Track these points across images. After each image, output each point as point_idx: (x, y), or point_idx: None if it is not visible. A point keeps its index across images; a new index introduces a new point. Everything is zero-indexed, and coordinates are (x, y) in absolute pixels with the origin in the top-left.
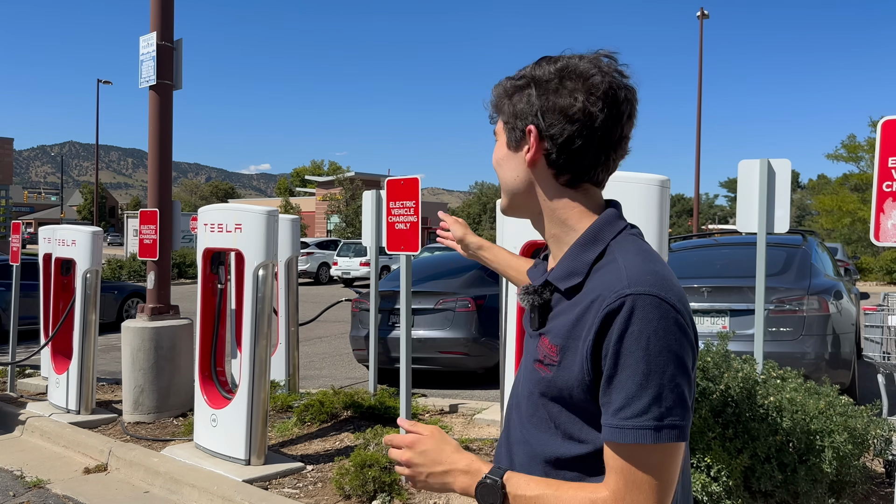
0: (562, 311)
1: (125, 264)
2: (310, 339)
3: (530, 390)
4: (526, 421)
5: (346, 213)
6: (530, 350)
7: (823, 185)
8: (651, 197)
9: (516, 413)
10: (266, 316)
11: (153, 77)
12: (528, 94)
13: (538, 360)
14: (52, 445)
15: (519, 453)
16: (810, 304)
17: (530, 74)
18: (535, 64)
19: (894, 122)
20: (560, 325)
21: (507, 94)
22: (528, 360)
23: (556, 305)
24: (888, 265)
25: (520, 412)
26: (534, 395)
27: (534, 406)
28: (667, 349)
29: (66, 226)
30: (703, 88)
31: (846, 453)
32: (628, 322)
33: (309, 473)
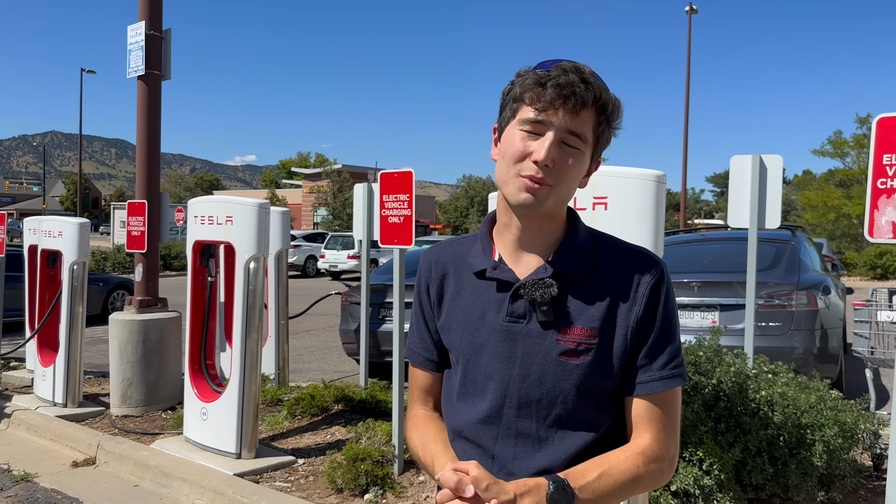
0: (584, 296)
1: (110, 256)
2: (297, 332)
3: (554, 384)
4: (545, 418)
5: (334, 206)
6: (534, 348)
7: (808, 180)
8: (647, 192)
9: (523, 412)
10: (257, 309)
11: (142, 67)
12: (612, 125)
13: (567, 352)
14: (38, 439)
15: (529, 451)
16: (799, 300)
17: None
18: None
19: (889, 119)
20: (590, 308)
21: (607, 124)
22: (536, 357)
23: (570, 293)
24: (872, 260)
25: (532, 411)
26: (561, 389)
27: (562, 400)
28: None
29: (52, 217)
30: (690, 84)
31: (836, 447)
32: (668, 289)
33: (300, 467)
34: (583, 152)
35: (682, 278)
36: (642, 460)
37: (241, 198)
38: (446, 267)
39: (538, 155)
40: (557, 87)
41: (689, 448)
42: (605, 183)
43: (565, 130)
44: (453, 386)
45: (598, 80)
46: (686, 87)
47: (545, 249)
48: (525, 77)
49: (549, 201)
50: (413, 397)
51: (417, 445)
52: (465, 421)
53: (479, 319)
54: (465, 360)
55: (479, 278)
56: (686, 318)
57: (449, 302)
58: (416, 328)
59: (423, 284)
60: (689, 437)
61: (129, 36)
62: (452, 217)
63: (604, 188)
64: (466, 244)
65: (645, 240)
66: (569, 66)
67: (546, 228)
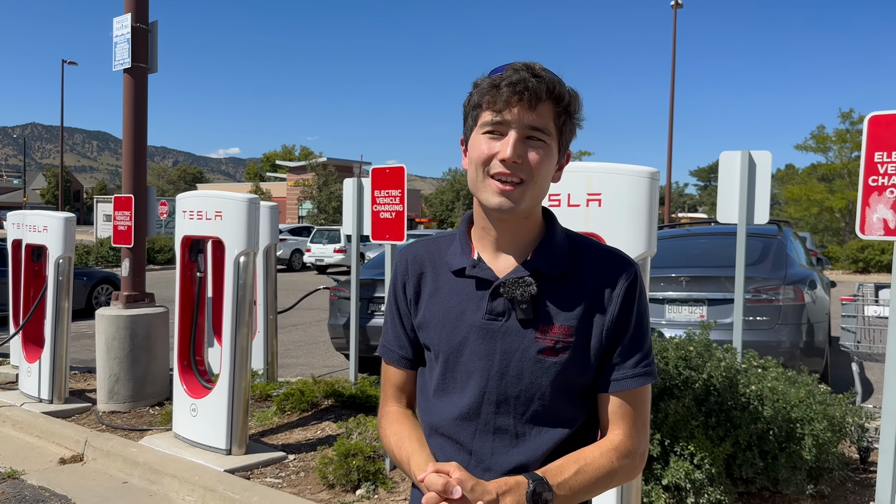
0: (562, 295)
1: (93, 249)
2: (284, 326)
3: (532, 381)
4: (522, 414)
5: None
6: (513, 345)
7: (791, 175)
8: (641, 188)
9: (502, 408)
10: (247, 304)
11: (128, 60)
12: (574, 116)
13: (545, 350)
14: (24, 435)
15: (506, 447)
16: (786, 294)
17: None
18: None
19: (880, 117)
20: (568, 306)
21: (568, 116)
22: (514, 354)
23: (548, 292)
24: (854, 254)
25: (510, 407)
26: (539, 385)
27: (540, 395)
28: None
29: (37, 211)
30: (675, 78)
31: (825, 441)
32: (641, 290)
33: (291, 463)
34: (548, 145)
35: (671, 273)
36: (616, 456)
37: (231, 193)
38: (423, 265)
39: (504, 153)
40: (510, 86)
41: (681, 442)
42: (599, 179)
43: (526, 126)
44: (429, 382)
45: (549, 73)
46: (671, 81)
47: (523, 249)
48: (481, 84)
49: (525, 200)
50: (386, 394)
51: (392, 443)
52: (443, 417)
53: (458, 317)
54: (445, 358)
55: (457, 276)
56: (674, 313)
57: (427, 300)
58: (391, 325)
59: (400, 282)
60: (681, 431)
61: (115, 28)
62: (438, 210)
63: (597, 185)
64: (443, 243)
65: (638, 235)
66: (519, 65)
67: (523, 228)
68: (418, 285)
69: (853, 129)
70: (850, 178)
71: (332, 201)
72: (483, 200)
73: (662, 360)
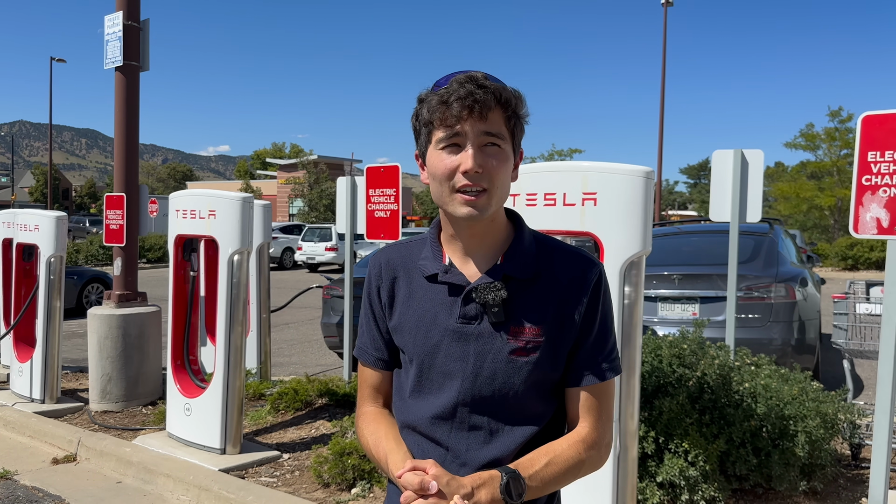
0: (531, 297)
1: (82, 248)
2: (277, 325)
3: (504, 381)
4: (496, 412)
5: (310, 197)
6: (486, 347)
7: (781, 172)
8: (636, 188)
9: (476, 408)
10: (241, 303)
11: (119, 58)
12: (521, 117)
13: (517, 350)
14: (17, 436)
15: (480, 443)
16: (778, 292)
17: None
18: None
19: (874, 117)
20: (537, 308)
21: (516, 118)
22: (488, 356)
23: (518, 294)
24: (843, 251)
25: (484, 406)
26: (512, 384)
27: (513, 393)
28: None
29: (28, 210)
30: (665, 76)
31: (818, 438)
32: (605, 288)
33: (286, 462)
34: (503, 150)
35: (663, 271)
36: (583, 447)
37: (225, 192)
38: (396, 270)
39: (466, 165)
40: (460, 101)
41: (675, 440)
42: (595, 179)
43: (481, 135)
44: (405, 384)
45: (493, 81)
46: (661, 79)
47: (493, 252)
48: (428, 100)
49: (490, 206)
50: (363, 395)
51: (370, 442)
52: (420, 416)
53: (431, 321)
54: (420, 360)
55: (430, 282)
56: (667, 311)
57: (401, 304)
58: (367, 328)
59: (374, 287)
60: (675, 428)
61: (107, 26)
62: (429, 208)
63: (593, 184)
64: (415, 248)
65: (634, 235)
66: (462, 77)
67: (490, 231)
68: (392, 290)
69: (842, 127)
70: (839, 176)
71: (323, 199)
72: (451, 212)
73: (656, 358)
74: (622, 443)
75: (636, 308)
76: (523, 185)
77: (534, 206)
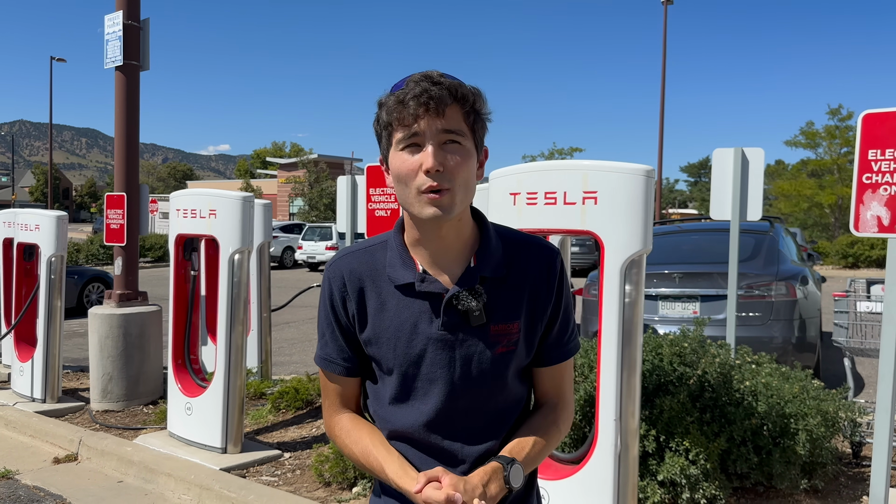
0: (505, 293)
1: (83, 247)
2: (277, 324)
3: (492, 377)
4: (485, 407)
5: (310, 196)
6: (471, 350)
7: (781, 170)
8: (637, 186)
9: (468, 406)
10: (242, 302)
11: (119, 58)
12: (482, 113)
13: (500, 346)
14: (18, 435)
15: (474, 439)
16: (778, 290)
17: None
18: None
19: (874, 115)
20: (513, 303)
21: (476, 114)
22: (474, 357)
23: (493, 293)
24: (843, 249)
25: (475, 403)
26: (499, 378)
27: (499, 386)
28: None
29: (29, 210)
30: (666, 74)
31: (819, 436)
32: (563, 271)
33: (287, 461)
34: (465, 147)
35: (663, 269)
36: (560, 418)
37: (225, 191)
38: (362, 280)
39: (427, 164)
40: (415, 99)
41: (676, 438)
42: (595, 177)
43: (439, 132)
44: (384, 391)
45: (449, 78)
46: (662, 77)
47: (463, 253)
48: (386, 103)
49: (456, 205)
50: (332, 403)
51: (356, 451)
52: (409, 423)
53: (411, 331)
54: (403, 370)
55: (403, 292)
56: (667, 309)
57: (373, 316)
58: (331, 339)
59: (338, 298)
60: (676, 427)
61: (107, 26)
62: None
63: (594, 182)
64: (377, 254)
65: (634, 233)
66: (418, 76)
67: (458, 232)
68: (361, 301)
69: (842, 125)
70: (839, 174)
71: (324, 198)
72: (417, 213)
73: (657, 357)
74: (623, 441)
75: (637, 307)
76: (524, 183)
77: (534, 204)
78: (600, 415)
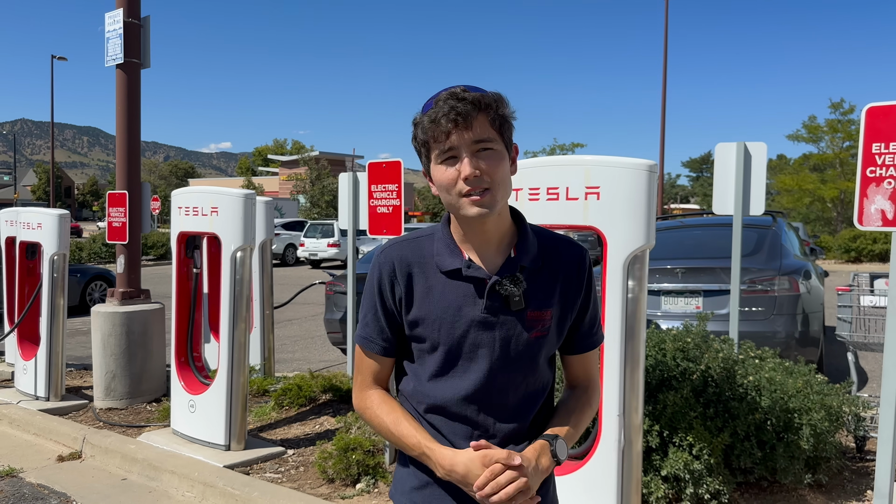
0: (541, 283)
1: (85, 246)
2: (280, 321)
3: (527, 359)
4: (518, 387)
5: (312, 194)
6: (510, 332)
7: (783, 164)
8: (639, 181)
9: (503, 386)
10: (244, 299)
11: (120, 55)
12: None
13: (535, 331)
14: (22, 433)
15: (505, 417)
16: (781, 285)
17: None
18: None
19: (878, 108)
20: (548, 293)
21: (501, 118)
22: (511, 339)
23: (530, 282)
24: (846, 244)
25: (509, 383)
26: (532, 361)
27: (532, 368)
28: None
29: (31, 209)
30: (667, 69)
31: (822, 430)
32: (591, 268)
33: (290, 458)
34: (496, 150)
35: (666, 264)
36: (593, 398)
37: (227, 188)
38: (411, 266)
39: (465, 172)
40: (445, 117)
41: (679, 433)
42: (597, 172)
43: (472, 143)
44: (423, 369)
45: (472, 92)
46: (663, 72)
47: (503, 245)
48: (420, 123)
49: (497, 202)
50: (365, 380)
51: (387, 420)
52: (448, 398)
53: (456, 312)
54: (447, 348)
55: (450, 277)
56: (670, 305)
57: (420, 299)
58: (373, 319)
59: (387, 282)
60: (679, 422)
61: (107, 23)
62: (431, 204)
63: (596, 178)
64: (424, 244)
65: (637, 228)
66: (444, 95)
67: (499, 227)
68: (409, 285)
69: (844, 119)
70: (842, 168)
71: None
72: (463, 215)
73: (660, 352)
74: (626, 437)
75: (640, 302)
76: (526, 179)
77: (536, 200)
78: (604, 410)
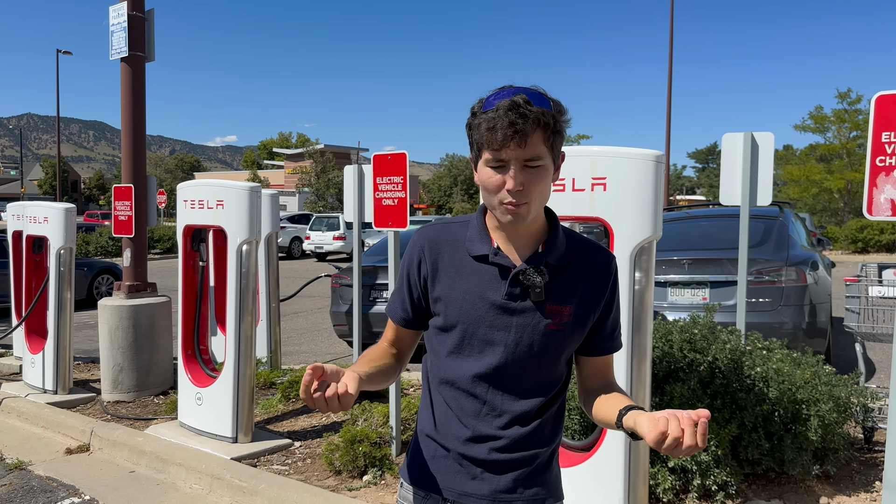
0: (564, 281)
1: (92, 239)
2: (286, 314)
3: (540, 350)
4: (529, 375)
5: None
6: (527, 321)
7: (790, 155)
8: (646, 172)
9: (515, 370)
10: (250, 292)
11: (125, 49)
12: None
13: (552, 324)
14: (30, 426)
15: (513, 400)
16: (788, 275)
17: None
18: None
19: (888, 97)
20: (569, 290)
21: (556, 133)
22: (528, 328)
23: (553, 278)
24: (853, 234)
25: (521, 370)
26: (545, 352)
27: (544, 359)
28: None
29: (37, 202)
30: (673, 60)
31: (830, 421)
32: (617, 275)
33: (297, 450)
34: (544, 165)
35: (672, 256)
36: (617, 390)
37: (232, 181)
38: (441, 247)
39: (509, 185)
40: (503, 131)
41: None
42: (604, 163)
43: (522, 159)
44: (442, 345)
45: (534, 106)
46: (669, 63)
47: (533, 241)
48: (477, 124)
49: (531, 213)
50: (385, 337)
51: (365, 352)
52: (461, 374)
53: (478, 295)
54: (465, 327)
55: (478, 261)
56: (676, 296)
57: (446, 278)
58: (398, 292)
59: (416, 259)
60: None
61: (111, 17)
62: (436, 196)
63: (602, 169)
64: (457, 228)
65: (644, 219)
66: (506, 104)
67: (531, 226)
68: (436, 264)
69: (851, 109)
70: (848, 159)
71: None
72: (498, 217)
73: (667, 344)
74: None
75: (647, 294)
76: None
77: None
78: None
